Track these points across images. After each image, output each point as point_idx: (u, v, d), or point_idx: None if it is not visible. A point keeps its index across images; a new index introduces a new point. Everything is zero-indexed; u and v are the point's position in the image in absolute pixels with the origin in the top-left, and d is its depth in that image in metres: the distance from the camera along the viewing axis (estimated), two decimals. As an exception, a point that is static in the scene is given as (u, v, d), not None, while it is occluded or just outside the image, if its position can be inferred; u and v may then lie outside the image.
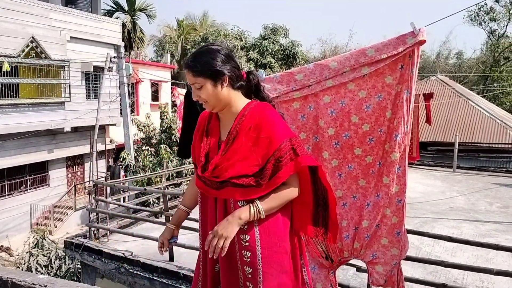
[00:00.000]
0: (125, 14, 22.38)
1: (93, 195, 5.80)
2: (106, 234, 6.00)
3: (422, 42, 2.35)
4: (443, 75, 20.01)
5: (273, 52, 18.40)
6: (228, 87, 1.74)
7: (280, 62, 18.67)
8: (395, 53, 2.38)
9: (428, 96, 11.87)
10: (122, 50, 12.89)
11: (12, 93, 13.95)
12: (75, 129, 16.47)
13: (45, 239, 8.77)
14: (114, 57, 13.49)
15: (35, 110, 14.66)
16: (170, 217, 5.35)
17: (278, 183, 1.67)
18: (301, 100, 2.53)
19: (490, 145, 14.29)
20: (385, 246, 2.64)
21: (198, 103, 1.88)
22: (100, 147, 17.97)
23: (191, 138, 1.97)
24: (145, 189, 5.50)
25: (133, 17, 22.15)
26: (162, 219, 5.83)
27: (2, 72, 13.26)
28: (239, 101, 1.79)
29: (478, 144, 14.35)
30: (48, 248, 8.31)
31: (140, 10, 22.57)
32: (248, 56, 18.30)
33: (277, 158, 1.66)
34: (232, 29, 19.60)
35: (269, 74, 2.69)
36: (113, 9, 22.70)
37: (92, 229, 5.88)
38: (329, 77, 2.51)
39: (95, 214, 5.89)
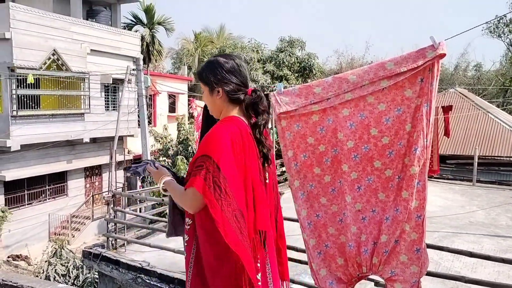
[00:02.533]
0: (144, 27, 22.80)
1: (112, 205, 5.86)
2: (124, 244, 6.05)
3: (442, 55, 2.34)
4: (461, 88, 19.77)
5: (290, 65, 18.47)
6: (222, 98, 1.87)
7: (296, 74, 18.72)
8: (414, 66, 2.38)
9: (447, 109, 11.74)
10: (141, 62, 13.12)
11: (33, 105, 14.29)
12: (93, 140, 16.73)
13: (63, 249, 8.89)
14: (133, 69, 13.72)
15: (55, 121, 14.97)
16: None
17: (186, 187, 1.80)
18: (320, 113, 2.54)
19: (511, 159, 14.00)
20: (404, 263, 2.60)
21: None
22: (118, 157, 18.22)
23: None
24: (162, 200, 5.54)
25: (152, 30, 22.55)
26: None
27: (25, 84, 13.61)
28: (228, 112, 1.89)
29: (499, 158, 14.07)
30: (66, 258, 8.41)
31: (159, 23, 22.98)
32: (265, 68, 18.41)
33: (192, 168, 1.79)
34: (249, 41, 19.76)
35: (287, 87, 2.72)
36: (133, 23, 23.16)
37: (110, 239, 5.94)
38: (348, 90, 2.51)
39: (113, 224, 5.94)
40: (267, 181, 1.94)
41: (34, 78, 13.82)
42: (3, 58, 13.30)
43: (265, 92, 2.79)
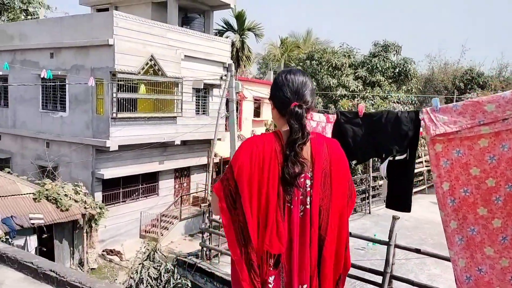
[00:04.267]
0: (234, 33, 23.15)
1: (207, 215, 5.71)
2: (217, 255, 5.87)
3: None
4: None
5: (383, 70, 17.48)
6: (275, 111, 1.86)
7: (390, 80, 17.68)
8: None
9: None
10: (233, 68, 13.14)
11: (131, 107, 15.02)
12: (184, 143, 17.20)
13: (156, 252, 9.07)
14: (225, 75, 13.83)
15: (150, 123, 15.61)
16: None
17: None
18: (492, 137, 2.02)
19: None
20: None
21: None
22: (205, 160, 18.61)
23: None
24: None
25: (242, 36, 22.81)
26: None
27: (124, 88, 14.36)
28: (279, 126, 1.86)
29: None
30: (159, 261, 8.56)
31: (249, 29, 23.20)
32: (356, 74, 17.62)
33: None
34: (340, 46, 19.12)
35: (436, 104, 2.21)
36: (224, 29, 23.65)
37: (204, 249, 5.79)
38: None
39: (208, 234, 5.79)
40: (290, 205, 1.73)
41: (132, 82, 14.54)
42: (106, 63, 14.10)
43: (357, 102, 2.35)
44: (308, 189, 1.73)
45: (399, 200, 2.87)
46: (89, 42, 14.36)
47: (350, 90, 16.67)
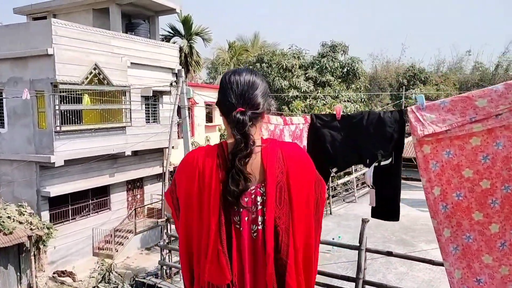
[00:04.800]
0: (182, 38, 22.65)
1: (165, 231, 5.35)
2: (179, 272, 5.52)
3: None
4: None
5: (332, 70, 17.71)
6: (223, 118, 1.67)
7: (339, 80, 17.94)
8: None
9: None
10: (183, 74, 12.75)
11: (76, 120, 14.19)
12: (135, 153, 16.53)
13: (112, 272, 8.50)
14: (175, 81, 13.42)
15: (97, 135, 14.84)
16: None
17: None
18: (484, 134, 1.88)
19: None
20: None
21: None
22: (158, 170, 18.00)
23: None
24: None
25: (190, 41, 22.36)
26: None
27: (67, 100, 13.54)
28: (226, 135, 1.75)
29: None
30: (115, 282, 8.02)
31: (197, 34, 22.78)
32: (307, 75, 17.72)
33: None
34: (289, 47, 19.17)
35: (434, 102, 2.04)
36: (170, 34, 23.08)
37: (164, 267, 5.42)
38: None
39: (167, 251, 5.42)
40: (239, 226, 1.49)
41: (75, 93, 13.75)
42: (46, 74, 13.28)
43: (309, 102, 2.17)
44: (260, 207, 1.48)
45: (387, 208, 2.69)
46: (27, 53, 13.46)
47: (302, 91, 16.73)
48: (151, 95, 16.46)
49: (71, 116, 13.93)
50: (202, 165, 1.49)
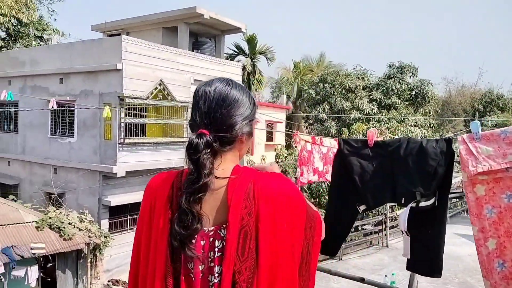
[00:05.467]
0: (246, 57, 22.99)
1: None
2: None
3: None
4: None
5: (399, 92, 16.91)
6: None
7: (406, 103, 17.08)
8: None
9: None
10: (242, 91, 12.74)
11: (139, 133, 14.71)
12: (193, 168, 16.77)
13: None
14: (234, 98, 13.47)
15: (159, 148, 15.25)
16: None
17: None
18: None
19: None
20: None
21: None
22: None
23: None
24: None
25: (253, 60, 22.62)
26: None
27: (133, 113, 14.09)
28: None
29: None
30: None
31: (260, 53, 23.02)
32: (371, 97, 17.08)
33: None
34: (353, 68, 18.67)
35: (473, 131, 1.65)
36: (235, 53, 23.52)
37: None
38: None
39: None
40: (192, 276, 1.18)
41: (141, 107, 14.27)
42: (115, 88, 13.90)
43: (371, 125, 1.82)
44: (218, 254, 1.17)
45: (426, 261, 2.23)
46: (98, 67, 14.23)
47: (365, 113, 16.12)
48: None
49: (135, 129, 14.45)
50: (155, 198, 1.23)
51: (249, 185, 1.17)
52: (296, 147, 12.93)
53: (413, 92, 17.03)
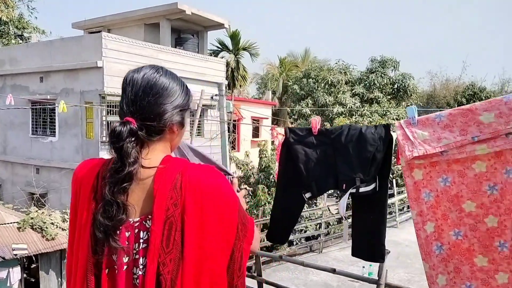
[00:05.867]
0: (229, 53, 22.93)
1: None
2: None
3: None
4: None
5: (381, 86, 17.04)
6: None
7: (389, 97, 17.23)
8: None
9: None
10: (224, 88, 12.77)
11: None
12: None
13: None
14: (216, 95, 13.49)
15: (142, 146, 15.17)
16: (264, 285, 4.46)
17: None
18: (491, 159, 1.49)
19: None
20: None
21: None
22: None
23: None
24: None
25: (237, 56, 22.56)
26: (251, 283, 4.81)
27: (114, 111, 13.98)
28: None
29: None
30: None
31: (244, 49, 22.95)
32: (353, 91, 17.19)
33: None
34: (336, 63, 18.76)
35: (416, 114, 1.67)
36: (219, 49, 23.43)
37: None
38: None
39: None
40: (116, 269, 1.14)
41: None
42: (95, 85, 13.77)
43: (354, 119, 1.84)
44: (143, 245, 1.13)
45: (368, 246, 2.26)
46: (79, 65, 14.07)
47: (347, 107, 16.21)
48: (196, 108, 16.63)
49: (117, 127, 14.34)
50: (80, 185, 1.19)
51: (177, 175, 1.14)
52: (273, 141, 12.95)
53: (395, 86, 17.19)
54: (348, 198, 2.05)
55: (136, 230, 1.15)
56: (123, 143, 1.12)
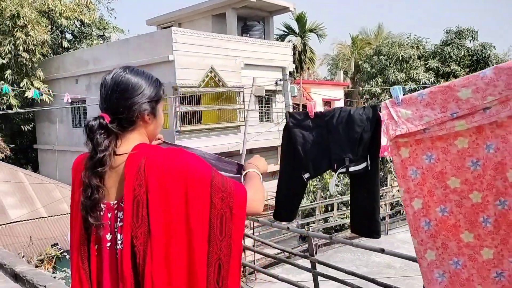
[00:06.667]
0: (296, 36, 22.75)
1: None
2: (254, 272, 5.53)
3: None
4: None
5: (458, 59, 15.88)
6: None
7: (467, 70, 16.02)
8: None
9: None
10: (287, 72, 12.80)
11: (195, 120, 15.30)
12: (249, 151, 17.11)
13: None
14: (280, 79, 13.57)
15: (214, 134, 15.77)
16: (317, 264, 4.56)
17: None
18: (473, 134, 1.47)
19: None
20: None
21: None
22: (273, 167, 18.37)
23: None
24: (288, 228, 4.84)
25: (304, 39, 22.32)
26: (305, 263, 4.93)
27: (187, 101, 14.69)
28: None
29: None
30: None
31: (311, 30, 22.62)
32: (427, 66, 16.23)
33: None
34: (407, 37, 17.78)
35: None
36: (285, 33, 23.33)
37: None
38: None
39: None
40: (100, 245, 1.36)
41: (195, 95, 14.82)
42: (168, 78, 14.52)
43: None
44: (120, 224, 1.33)
45: (364, 223, 2.27)
46: (152, 60, 14.92)
47: (421, 83, 15.38)
48: (263, 95, 16.87)
49: (190, 117, 15.05)
50: (75, 173, 1.44)
51: (142, 159, 1.32)
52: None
53: (474, 58, 15.92)
54: (345, 177, 2.10)
55: (116, 211, 1.35)
56: (95, 134, 1.33)
